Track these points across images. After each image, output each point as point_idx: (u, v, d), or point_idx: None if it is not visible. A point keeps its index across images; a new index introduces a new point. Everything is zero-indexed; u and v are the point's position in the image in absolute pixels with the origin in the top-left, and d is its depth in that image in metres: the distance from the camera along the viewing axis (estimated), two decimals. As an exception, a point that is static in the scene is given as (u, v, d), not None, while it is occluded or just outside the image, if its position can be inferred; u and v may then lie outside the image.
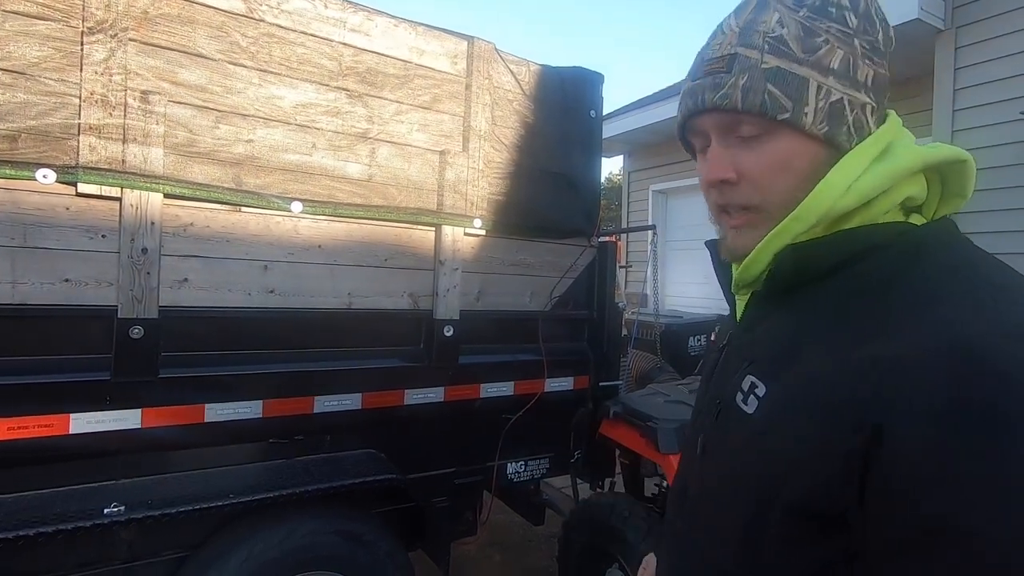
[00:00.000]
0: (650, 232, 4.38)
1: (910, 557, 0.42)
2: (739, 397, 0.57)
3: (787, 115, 0.54)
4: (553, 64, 2.37)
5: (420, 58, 2.02)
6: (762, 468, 0.52)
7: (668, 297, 6.51)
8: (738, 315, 0.68)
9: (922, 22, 3.61)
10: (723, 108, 0.56)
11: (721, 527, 0.57)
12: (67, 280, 1.48)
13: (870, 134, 0.56)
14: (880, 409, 0.44)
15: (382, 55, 1.94)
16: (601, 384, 2.51)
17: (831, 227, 0.56)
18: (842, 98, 0.54)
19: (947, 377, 0.42)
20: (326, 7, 1.83)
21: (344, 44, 1.87)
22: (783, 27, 0.55)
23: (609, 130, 6.17)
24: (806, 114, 0.54)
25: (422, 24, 2.03)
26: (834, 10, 0.55)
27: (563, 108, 2.38)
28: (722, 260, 0.68)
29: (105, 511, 1.44)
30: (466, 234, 2.13)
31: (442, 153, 2.07)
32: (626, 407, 2.32)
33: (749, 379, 0.57)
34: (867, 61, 0.56)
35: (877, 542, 0.44)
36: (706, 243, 0.73)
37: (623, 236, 7.36)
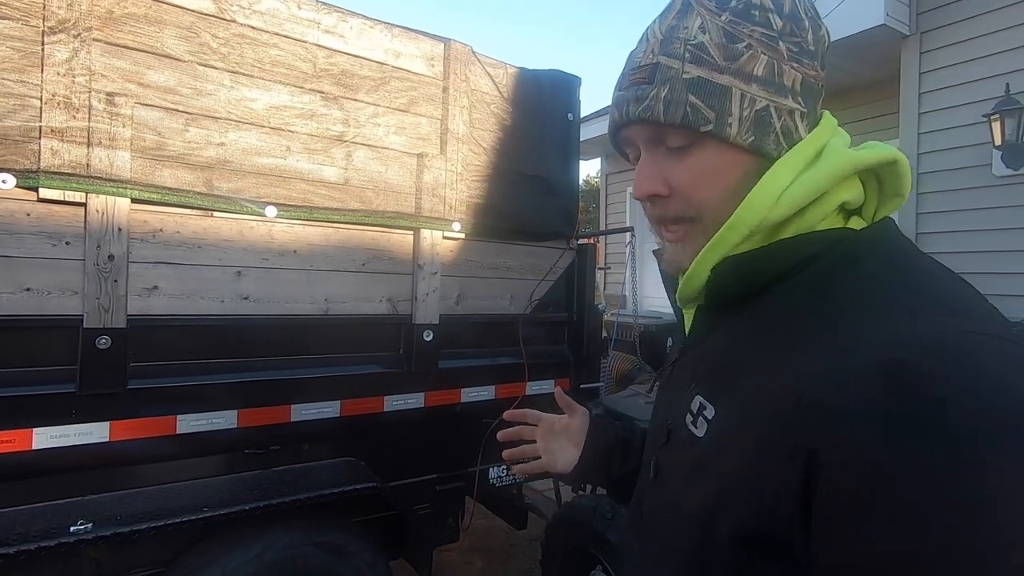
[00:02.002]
0: (628, 234, 4.41)
1: None
2: (688, 419, 0.55)
3: (710, 127, 0.52)
4: (530, 67, 2.37)
5: (396, 60, 2.00)
6: (707, 494, 0.50)
7: (647, 298, 6.55)
8: (687, 329, 0.65)
9: (888, 27, 3.71)
10: (646, 120, 0.54)
11: (670, 550, 0.55)
12: (28, 289, 1.42)
13: (801, 140, 0.54)
14: (812, 434, 0.41)
15: (357, 57, 1.91)
16: (582, 386, 2.51)
17: (769, 237, 0.54)
18: (768, 105, 0.53)
19: (876, 398, 0.39)
20: (299, 8, 1.80)
21: (318, 46, 1.84)
22: (705, 33, 0.53)
23: (587, 132, 6.20)
24: (730, 124, 0.52)
25: (398, 26, 2.01)
26: (757, 13, 0.53)
27: (541, 111, 2.37)
28: (668, 274, 0.67)
29: (71, 529, 1.38)
30: (445, 237, 2.11)
31: (420, 156, 2.05)
32: (607, 409, 2.32)
33: (698, 400, 0.55)
34: (794, 64, 0.54)
35: (824, 568, 0.42)
36: (654, 252, 0.71)
37: (602, 238, 7.41)
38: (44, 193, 1.42)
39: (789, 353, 0.47)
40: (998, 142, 3.34)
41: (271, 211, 1.74)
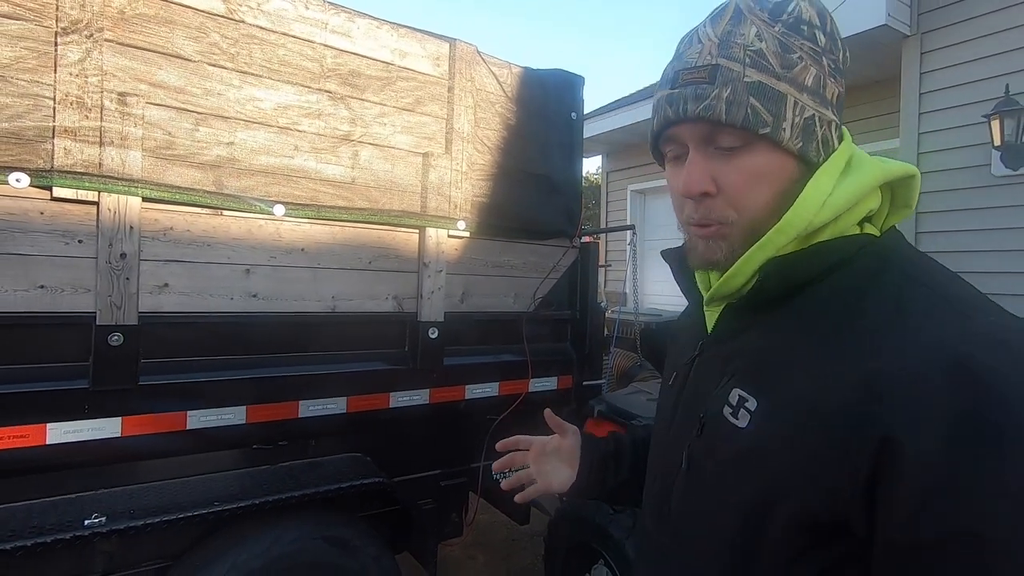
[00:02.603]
0: (629, 232, 4.44)
1: (921, 562, 0.44)
2: (727, 411, 0.57)
3: (767, 129, 0.55)
4: (534, 66, 2.39)
5: (402, 60, 2.01)
6: (759, 482, 0.53)
7: (647, 296, 6.59)
8: (709, 326, 0.67)
9: (889, 28, 3.72)
10: (706, 119, 0.56)
11: (711, 540, 0.57)
12: (42, 287, 1.44)
13: (833, 150, 0.58)
14: (888, 422, 0.45)
15: (364, 57, 1.93)
16: (584, 383, 2.53)
17: (804, 241, 0.58)
18: (814, 115, 0.56)
19: (953, 392, 0.43)
20: (307, 8, 1.81)
21: (326, 46, 1.85)
22: (762, 41, 0.56)
23: (588, 130, 6.19)
24: (784, 129, 0.55)
25: (404, 26, 2.03)
26: (805, 28, 0.57)
27: (545, 110, 2.39)
28: (682, 270, 0.70)
29: (86, 522, 1.41)
30: (450, 236, 2.13)
31: (425, 155, 2.07)
32: (610, 406, 2.35)
33: (736, 392, 0.57)
34: (832, 79, 0.58)
35: (887, 548, 0.46)
36: (662, 254, 0.74)
37: (603, 236, 7.43)
38: (57, 192, 1.44)
39: (849, 353, 0.50)
40: (997, 142, 3.36)
41: (279, 210, 1.76)
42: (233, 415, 1.69)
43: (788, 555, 0.51)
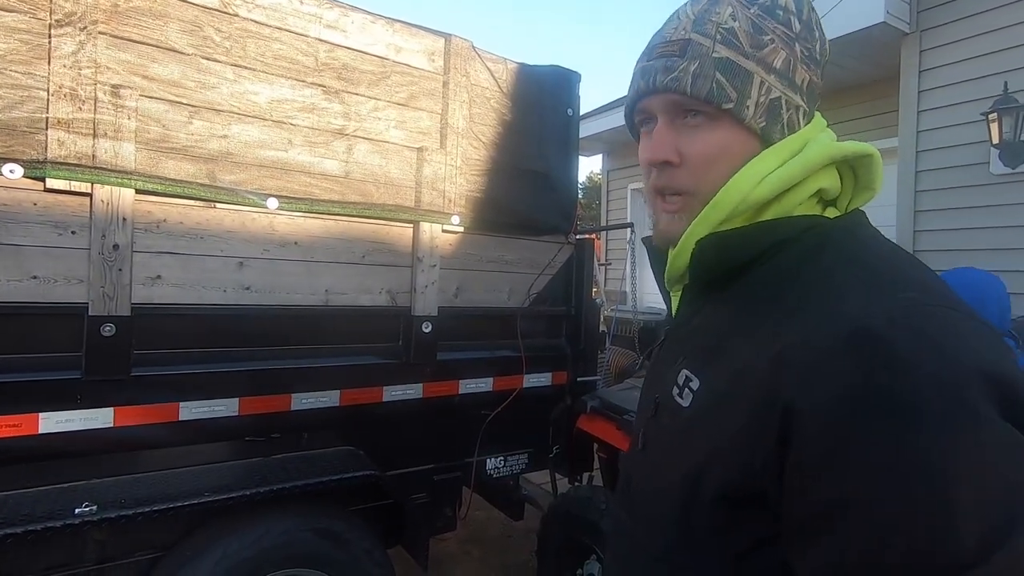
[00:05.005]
0: (628, 230, 4.44)
1: (818, 533, 0.43)
2: (675, 391, 0.59)
3: (731, 105, 0.56)
4: (530, 63, 2.39)
5: (397, 55, 2.02)
6: (693, 458, 0.54)
7: (646, 294, 6.58)
8: (673, 310, 0.70)
9: (888, 25, 3.71)
10: (672, 91, 0.58)
11: (657, 517, 0.59)
12: (35, 277, 1.45)
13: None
14: (790, 393, 0.45)
15: (359, 51, 1.94)
16: (579, 379, 2.54)
17: (751, 219, 0.59)
18: (780, 97, 0.58)
19: (848, 362, 0.44)
20: (301, 3, 1.82)
21: (320, 40, 1.86)
22: (735, 20, 0.58)
23: (588, 129, 6.22)
24: (748, 107, 0.57)
25: (399, 21, 2.04)
26: (781, 13, 0.58)
27: (540, 106, 2.40)
28: (657, 257, 0.71)
29: (76, 511, 1.42)
30: (444, 231, 2.13)
31: (420, 150, 2.07)
32: (603, 401, 2.35)
33: (684, 373, 0.59)
34: (804, 66, 0.59)
35: (790, 520, 0.46)
36: (643, 240, 0.75)
37: (603, 234, 7.43)
38: (51, 183, 1.44)
39: (772, 329, 0.51)
40: (996, 140, 3.35)
41: (272, 203, 1.77)
42: (225, 407, 1.70)
43: (716, 530, 0.52)
